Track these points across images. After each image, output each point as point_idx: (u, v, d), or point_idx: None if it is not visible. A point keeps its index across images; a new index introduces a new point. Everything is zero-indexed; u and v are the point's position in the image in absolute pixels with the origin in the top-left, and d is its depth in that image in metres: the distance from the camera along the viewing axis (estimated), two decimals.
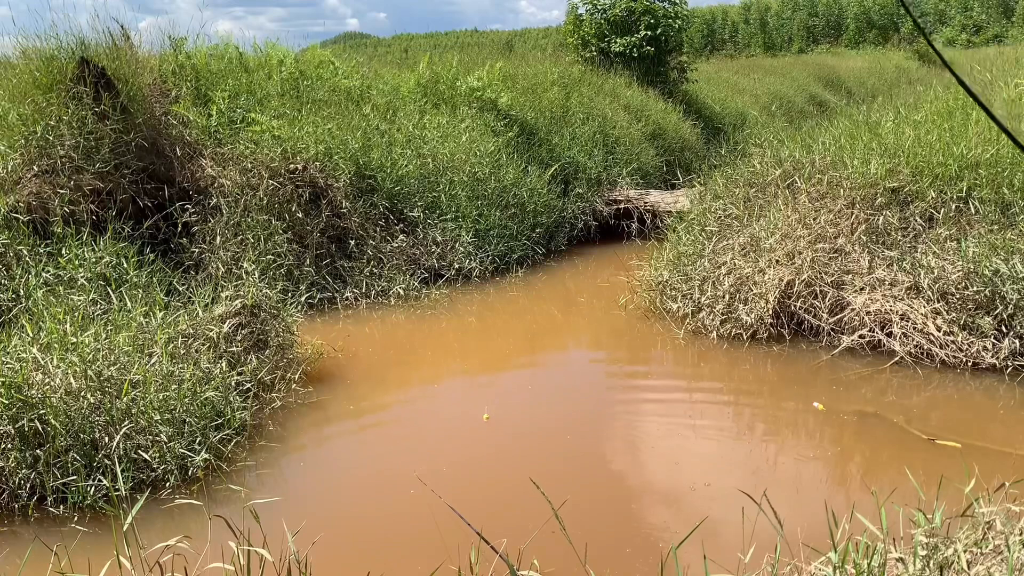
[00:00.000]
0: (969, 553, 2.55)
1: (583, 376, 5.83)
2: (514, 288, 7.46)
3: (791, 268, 5.66)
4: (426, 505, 3.66)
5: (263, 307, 5.08)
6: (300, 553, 2.63)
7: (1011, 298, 4.94)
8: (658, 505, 3.83)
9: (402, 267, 7.15)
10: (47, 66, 6.22)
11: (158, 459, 3.85)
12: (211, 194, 6.66)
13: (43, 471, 3.67)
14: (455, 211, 7.70)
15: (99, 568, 2.68)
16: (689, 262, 6.31)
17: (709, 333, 5.75)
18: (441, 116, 8.82)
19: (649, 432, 4.60)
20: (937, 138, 6.06)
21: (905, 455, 4.14)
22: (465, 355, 6.08)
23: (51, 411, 3.73)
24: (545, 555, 3.06)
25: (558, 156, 9.36)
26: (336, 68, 8.95)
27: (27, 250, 5.40)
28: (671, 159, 11.07)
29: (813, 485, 3.93)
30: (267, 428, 4.51)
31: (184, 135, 6.87)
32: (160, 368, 4.24)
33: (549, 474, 4.01)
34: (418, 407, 5.14)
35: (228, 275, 6.16)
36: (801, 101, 18.01)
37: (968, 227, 5.47)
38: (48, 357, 4.04)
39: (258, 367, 4.79)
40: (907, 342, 5.17)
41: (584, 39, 13.62)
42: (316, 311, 6.54)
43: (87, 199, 5.92)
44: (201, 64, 7.71)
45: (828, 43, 42.51)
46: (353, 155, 7.35)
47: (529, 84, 10.47)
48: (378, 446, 4.60)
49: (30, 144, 5.94)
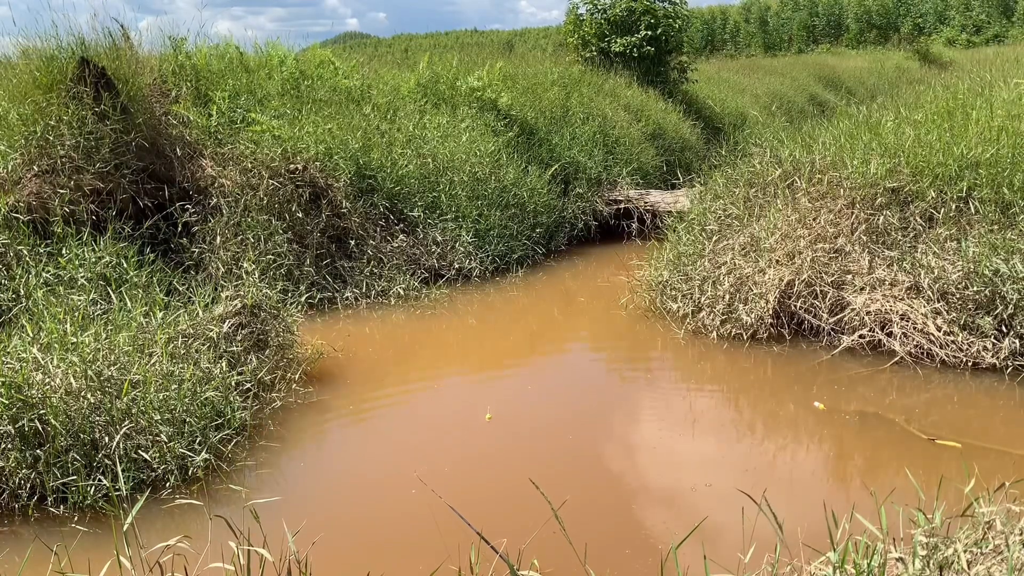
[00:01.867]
0: (969, 553, 2.55)
1: (583, 376, 5.83)
2: (514, 288, 7.46)
3: (791, 268, 5.66)
4: (426, 505, 3.66)
5: (263, 307, 5.08)
6: (300, 553, 2.63)
7: (1011, 298, 4.94)
8: (658, 505, 3.82)
9: (402, 267, 7.15)
10: (47, 66, 6.21)
11: (158, 459, 3.84)
12: (211, 194, 6.66)
13: (43, 471, 3.66)
14: (455, 211, 7.70)
15: (99, 568, 2.68)
16: (689, 262, 6.30)
17: (709, 333, 5.75)
18: (441, 116, 8.82)
19: (649, 432, 4.60)
20: (937, 138, 6.05)
21: (905, 455, 4.14)
22: (465, 355, 6.08)
23: (51, 411, 3.72)
24: (545, 555, 3.06)
25: (558, 156, 9.37)
26: (336, 68, 8.95)
27: (27, 250, 5.39)
28: (671, 159, 11.08)
29: (813, 485, 3.93)
30: (267, 428, 4.50)
31: (184, 135, 6.87)
32: (160, 368, 4.24)
33: (549, 474, 4.01)
34: (418, 407, 5.13)
35: (228, 275, 6.16)
36: (801, 101, 18.01)
37: (968, 227, 5.46)
38: (48, 357, 4.03)
39: (258, 367, 4.79)
40: (907, 342, 5.17)
41: (584, 39, 13.62)
42: (316, 311, 6.54)
43: (87, 199, 5.92)
44: (201, 64, 7.71)
45: (828, 43, 42.46)
46: (353, 155, 7.35)
47: (529, 84, 10.47)
48: (378, 446, 4.60)
49: (30, 144, 5.93)
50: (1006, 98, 6.90)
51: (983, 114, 6.30)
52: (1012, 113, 6.25)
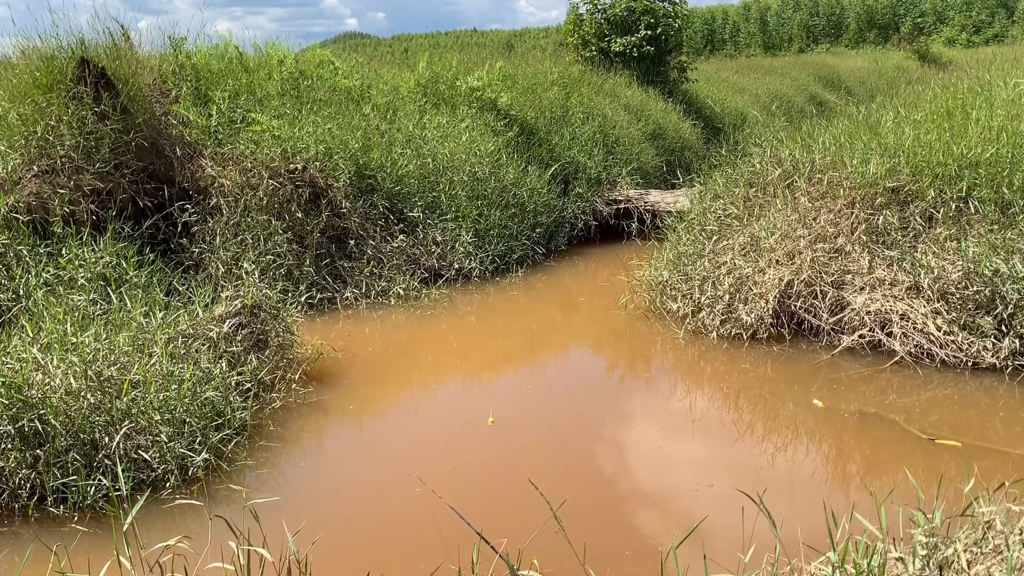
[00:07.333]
0: (969, 553, 2.55)
1: (583, 376, 5.83)
2: (514, 288, 7.46)
3: (791, 268, 5.66)
4: (426, 505, 3.66)
5: (263, 307, 5.08)
6: (300, 553, 2.62)
7: (1011, 298, 4.94)
8: (658, 505, 3.82)
9: (402, 267, 7.15)
10: (47, 66, 6.21)
11: (158, 459, 3.84)
12: (211, 194, 6.66)
13: (43, 471, 3.66)
14: (455, 211, 7.70)
15: (99, 568, 2.68)
16: (689, 262, 6.30)
17: (709, 333, 5.75)
18: (441, 116, 8.81)
19: (648, 432, 4.60)
20: (937, 138, 6.05)
21: (905, 455, 4.14)
22: (465, 355, 6.08)
23: (51, 411, 3.72)
24: (545, 555, 3.06)
25: (558, 156, 9.36)
26: (336, 68, 8.94)
27: (27, 250, 5.39)
28: (671, 159, 11.08)
29: (813, 485, 3.93)
30: (267, 428, 4.50)
31: (184, 135, 6.86)
32: (160, 368, 4.23)
33: (548, 474, 4.01)
34: (418, 407, 5.13)
35: (228, 275, 6.16)
36: (801, 101, 18.01)
37: (968, 227, 5.46)
38: (48, 357, 4.03)
39: (258, 367, 4.79)
40: (907, 342, 5.17)
41: (584, 39, 13.62)
42: (316, 311, 6.54)
43: (87, 199, 5.92)
44: (201, 64, 7.71)
45: (828, 43, 42.39)
46: (353, 155, 7.35)
47: (529, 84, 10.46)
48: (378, 446, 4.60)
49: (30, 144, 5.93)
50: (1006, 98, 6.90)
51: (983, 114, 6.30)
52: (1012, 113, 6.25)
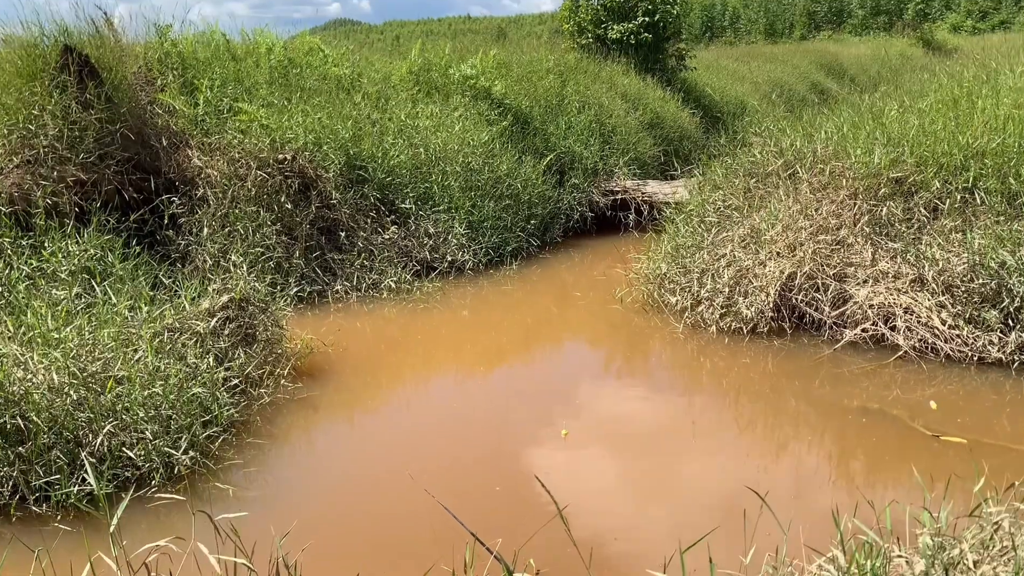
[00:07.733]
0: (975, 553, 2.49)
1: (579, 371, 5.74)
2: (508, 281, 7.35)
3: (792, 260, 5.55)
4: (419, 503, 3.57)
5: (251, 300, 4.97)
6: (289, 555, 2.54)
7: (1018, 291, 4.85)
8: (657, 504, 3.74)
9: (394, 259, 7.03)
10: (29, 54, 6.06)
11: (143, 457, 3.75)
12: (198, 185, 6.52)
13: (25, 469, 3.57)
14: (448, 202, 7.57)
15: (81, 569, 2.59)
16: (688, 254, 6.20)
17: (708, 327, 5.65)
18: (433, 105, 8.67)
19: (647, 429, 4.51)
20: (942, 127, 5.94)
21: (909, 452, 4.06)
22: (458, 349, 5.98)
23: (33, 408, 3.63)
24: (541, 555, 2.98)
25: (553, 146, 9.22)
26: (326, 56, 8.78)
27: (9, 242, 5.27)
28: (669, 149, 10.92)
29: (815, 483, 3.85)
30: (255, 425, 4.41)
31: (170, 124, 6.72)
32: (145, 364, 4.13)
33: (546, 473, 3.92)
34: (410, 403, 5.04)
35: (215, 268, 6.03)
36: (802, 89, 17.85)
37: (974, 218, 5.36)
38: (29, 352, 3.94)
39: (246, 362, 4.69)
40: (911, 336, 5.07)
41: (580, 25, 13.44)
42: (306, 304, 6.43)
43: (71, 190, 5.78)
44: (187, 52, 7.55)
45: (831, 30, 42.04)
46: (343, 145, 7.21)
47: (524, 72, 10.30)
48: (369, 443, 4.51)
49: (12, 134, 5.80)
50: (1012, 86, 6.79)
51: (989, 102, 6.19)
52: (1019, 101, 6.14)
